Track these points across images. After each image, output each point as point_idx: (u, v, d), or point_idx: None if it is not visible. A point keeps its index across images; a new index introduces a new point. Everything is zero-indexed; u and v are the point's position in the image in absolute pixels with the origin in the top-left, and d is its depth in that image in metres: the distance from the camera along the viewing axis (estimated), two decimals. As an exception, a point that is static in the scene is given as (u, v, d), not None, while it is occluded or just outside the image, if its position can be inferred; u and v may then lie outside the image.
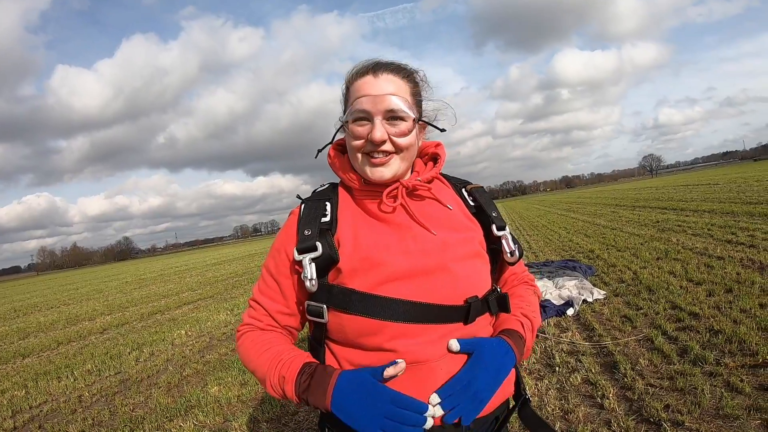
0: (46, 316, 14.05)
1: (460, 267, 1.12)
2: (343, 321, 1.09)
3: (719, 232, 9.35)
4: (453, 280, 1.10)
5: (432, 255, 1.10)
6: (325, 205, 1.18)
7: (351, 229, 1.14)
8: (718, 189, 21.45)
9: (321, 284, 1.09)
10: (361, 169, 1.15)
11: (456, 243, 1.14)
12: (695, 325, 4.50)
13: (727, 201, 14.79)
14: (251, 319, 1.22)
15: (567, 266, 8.06)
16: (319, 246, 1.09)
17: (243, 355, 1.19)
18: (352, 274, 1.08)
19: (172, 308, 11.88)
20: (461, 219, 1.22)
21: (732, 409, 2.94)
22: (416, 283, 1.08)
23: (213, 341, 7.36)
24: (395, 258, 1.09)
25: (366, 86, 1.11)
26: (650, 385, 3.50)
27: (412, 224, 1.15)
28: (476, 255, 1.18)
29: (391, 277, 1.07)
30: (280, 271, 1.18)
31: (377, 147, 1.10)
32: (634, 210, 18.73)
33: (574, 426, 3.14)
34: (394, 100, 1.08)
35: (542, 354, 4.55)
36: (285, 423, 3.88)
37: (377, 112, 1.08)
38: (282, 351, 1.12)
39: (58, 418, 4.82)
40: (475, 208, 1.27)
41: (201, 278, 20.09)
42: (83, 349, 8.27)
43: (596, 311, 5.65)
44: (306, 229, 1.12)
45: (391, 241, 1.12)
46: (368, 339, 1.07)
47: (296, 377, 1.05)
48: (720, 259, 6.97)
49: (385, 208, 1.16)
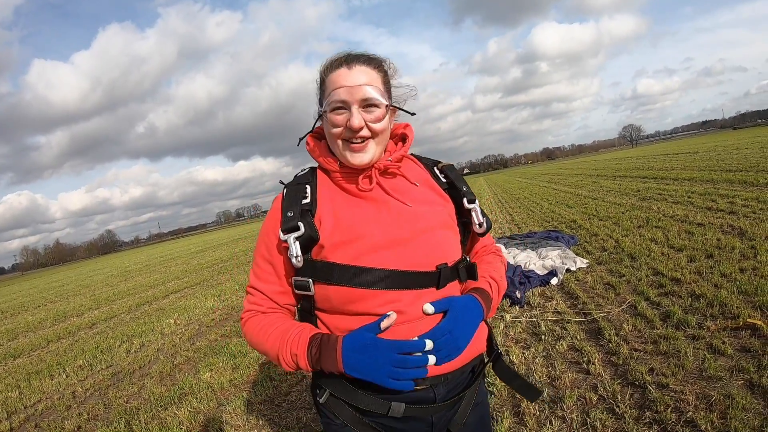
0: (34, 315, 13.89)
1: (431, 236, 1.23)
2: (329, 292, 1.20)
3: (699, 199, 9.50)
4: (425, 249, 1.21)
5: (406, 226, 1.22)
6: (305, 188, 1.28)
7: (330, 208, 1.25)
8: (698, 157, 21.72)
9: (306, 260, 1.20)
10: (342, 155, 1.24)
11: (428, 215, 1.26)
12: (677, 290, 4.60)
13: (707, 169, 15.00)
14: (252, 305, 1.31)
15: (550, 237, 8.18)
16: (301, 226, 1.19)
17: (251, 341, 1.28)
18: (334, 248, 1.18)
19: (159, 298, 11.84)
20: (431, 194, 1.33)
21: (715, 371, 3.03)
22: (392, 252, 1.19)
23: (202, 328, 7.36)
24: (373, 230, 1.20)
25: (341, 78, 1.20)
26: (635, 349, 3.59)
27: (388, 199, 1.26)
28: (447, 226, 1.29)
29: (369, 249, 1.18)
30: (271, 253, 1.28)
31: (356, 133, 1.19)
32: (615, 180, 18.93)
33: (562, 392, 3.21)
34: (369, 90, 1.18)
35: (528, 323, 4.63)
36: (278, 404, 3.93)
37: (354, 101, 1.18)
38: (287, 329, 1.22)
39: (54, 416, 4.82)
40: (447, 185, 1.38)
41: (186, 266, 20.05)
42: (73, 345, 8.22)
43: (580, 280, 5.75)
44: (289, 211, 1.23)
45: (369, 215, 1.23)
46: (352, 305, 1.18)
47: (306, 351, 1.16)
48: (700, 226, 7.10)
49: (362, 188, 1.26)
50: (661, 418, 2.69)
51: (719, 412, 2.64)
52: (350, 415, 1.23)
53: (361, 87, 1.17)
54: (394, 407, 1.19)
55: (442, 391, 1.23)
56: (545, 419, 2.95)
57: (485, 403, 1.42)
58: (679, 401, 2.82)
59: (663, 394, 2.92)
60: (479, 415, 1.38)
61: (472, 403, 1.34)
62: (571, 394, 3.14)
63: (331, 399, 1.23)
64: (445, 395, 1.24)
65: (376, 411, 1.20)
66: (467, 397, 1.32)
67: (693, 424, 2.59)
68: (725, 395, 2.76)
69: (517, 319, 4.80)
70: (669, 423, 2.64)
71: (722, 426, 2.52)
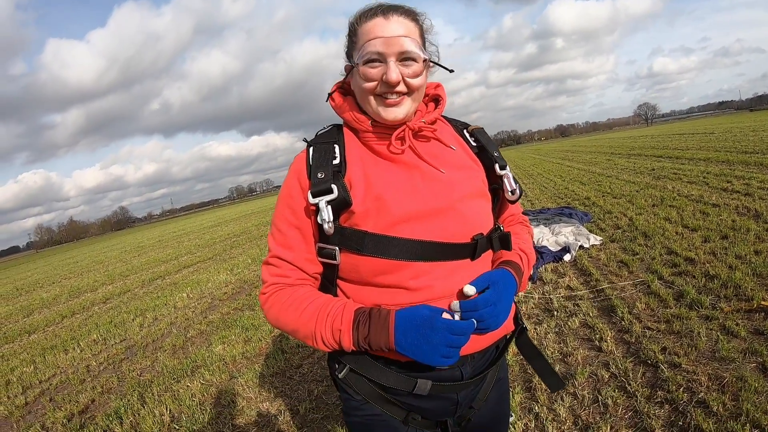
0: (49, 292, 14.10)
1: (467, 206, 1.16)
2: (357, 262, 1.12)
3: (715, 180, 9.35)
4: (461, 220, 1.14)
5: (441, 195, 1.14)
6: (333, 148, 1.18)
7: (361, 171, 1.15)
8: (714, 138, 21.29)
9: (335, 227, 1.11)
10: (375, 111, 1.14)
11: (462, 181, 1.18)
12: (691, 270, 4.54)
13: (723, 150, 14.71)
14: (276, 277, 1.19)
15: (563, 213, 8.10)
16: (335, 188, 1.09)
17: (277, 317, 1.17)
18: (365, 215, 1.10)
19: (172, 273, 11.96)
20: (465, 159, 1.25)
21: (728, 352, 3.00)
22: (427, 223, 1.11)
23: (215, 302, 7.44)
24: (406, 198, 1.12)
25: (377, 28, 1.10)
26: (647, 328, 3.57)
27: (420, 163, 1.17)
28: (481, 194, 1.22)
29: (402, 219, 1.10)
30: (298, 216, 1.17)
31: (392, 88, 1.10)
32: (629, 158, 18.68)
33: (573, 368, 3.21)
34: (407, 42, 1.09)
35: (540, 299, 4.61)
36: (290, 376, 3.97)
37: (390, 54, 1.08)
38: (324, 303, 1.12)
39: (68, 390, 4.90)
40: (477, 149, 1.29)
41: (199, 241, 20.19)
42: (88, 320, 8.36)
43: (593, 257, 5.71)
44: (319, 172, 1.12)
45: (401, 181, 1.14)
46: (382, 278, 1.12)
47: (352, 327, 1.07)
48: (715, 207, 6.99)
49: (393, 150, 1.17)
50: (673, 398, 2.68)
51: (731, 393, 2.61)
52: (371, 392, 1.18)
53: (399, 38, 1.08)
54: (420, 384, 1.13)
55: (468, 369, 1.19)
56: (556, 395, 2.94)
57: (506, 379, 1.38)
58: (691, 381, 2.79)
59: (675, 373, 2.90)
60: (500, 391, 1.35)
61: (495, 379, 1.31)
62: (583, 371, 3.13)
63: (351, 374, 1.17)
64: (472, 373, 1.20)
65: (400, 388, 1.15)
66: (490, 374, 1.28)
67: (705, 405, 2.57)
68: (738, 377, 2.72)
69: (530, 294, 4.78)
70: (681, 403, 2.62)
71: (734, 408, 2.49)
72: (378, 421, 1.21)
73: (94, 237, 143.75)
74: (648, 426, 2.50)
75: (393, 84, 1.09)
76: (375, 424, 1.21)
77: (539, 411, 2.82)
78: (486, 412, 1.31)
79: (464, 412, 1.27)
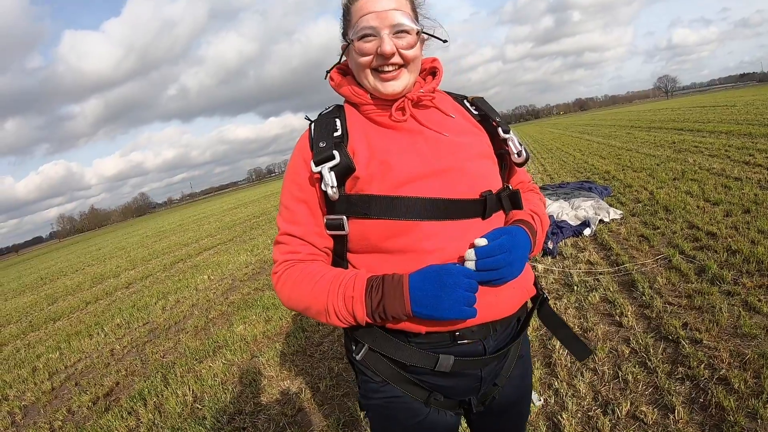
0: (72, 280, 14.43)
1: (473, 165, 1.16)
2: (366, 227, 1.11)
3: (737, 153, 9.13)
4: (468, 177, 1.13)
5: (445, 156, 1.14)
6: (335, 121, 1.19)
7: (364, 139, 1.16)
8: (736, 111, 20.75)
9: (339, 194, 1.10)
10: (372, 86, 1.16)
11: (466, 144, 1.18)
12: (713, 244, 4.46)
13: (745, 123, 14.33)
14: (286, 254, 1.19)
15: (583, 187, 7.99)
16: (336, 154, 1.09)
17: (290, 294, 1.15)
18: (370, 179, 1.10)
19: (193, 255, 12.14)
20: (466, 125, 1.25)
21: (750, 328, 2.94)
22: (433, 182, 1.10)
23: (236, 282, 7.53)
24: (410, 160, 1.12)
25: (369, 4, 1.11)
26: (668, 303, 3.53)
27: (423, 129, 1.18)
28: (486, 155, 1.21)
29: (408, 179, 1.09)
30: (303, 190, 1.17)
31: (387, 60, 1.11)
32: (649, 131, 18.35)
33: (594, 343, 3.19)
34: (399, 15, 1.10)
35: (561, 274, 4.58)
36: (311, 354, 4.01)
37: (384, 27, 1.10)
38: (337, 276, 1.10)
39: (93, 374, 5.01)
40: (479, 117, 1.30)
41: (219, 224, 20.42)
42: (111, 305, 8.53)
43: (613, 231, 5.65)
44: (320, 142, 1.14)
45: (404, 145, 1.15)
46: (392, 241, 1.10)
47: (365, 294, 1.05)
48: (737, 180, 6.83)
49: (395, 119, 1.18)
50: (694, 374, 2.65)
51: (753, 370, 2.57)
52: (391, 372, 1.16)
53: (390, 12, 1.10)
54: (443, 360, 1.11)
55: (491, 343, 1.16)
56: (576, 371, 2.94)
57: (528, 357, 1.35)
58: (712, 358, 2.76)
59: (696, 349, 2.86)
60: (523, 369, 1.32)
61: (517, 354, 1.29)
62: (603, 347, 3.11)
63: (370, 354, 1.15)
64: (495, 348, 1.17)
65: (422, 365, 1.12)
66: (513, 349, 1.25)
67: (726, 382, 2.54)
68: (760, 354, 2.67)
69: (549, 269, 4.75)
70: (702, 379, 2.59)
71: (755, 385, 2.46)
72: (399, 403, 1.18)
73: (116, 224, 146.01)
74: (668, 402, 2.48)
75: (388, 55, 1.10)
76: (396, 406, 1.19)
77: (559, 387, 2.81)
78: (510, 389, 1.28)
79: (488, 390, 1.24)
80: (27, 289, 15.83)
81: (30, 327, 8.46)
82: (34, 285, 16.43)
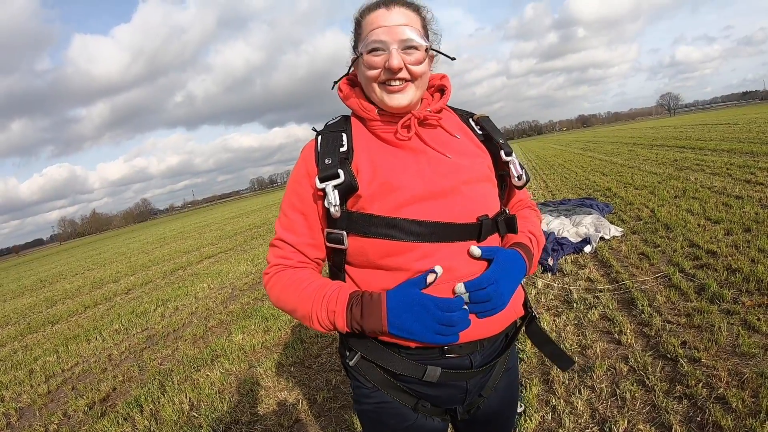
0: (72, 283, 14.41)
1: (472, 189, 1.19)
2: (365, 245, 1.15)
3: (738, 171, 9.14)
4: (466, 201, 1.17)
5: (446, 178, 1.16)
6: (341, 136, 1.21)
7: (368, 157, 1.19)
8: (738, 129, 20.80)
9: (341, 211, 1.14)
10: (379, 99, 1.18)
11: (468, 167, 1.21)
12: (713, 263, 4.46)
13: (747, 141, 14.36)
14: (279, 258, 1.25)
15: (584, 204, 8.03)
16: (341, 173, 1.12)
17: (277, 295, 1.22)
18: (371, 199, 1.13)
19: (193, 263, 12.13)
20: (470, 146, 1.28)
21: (749, 347, 2.94)
22: (432, 204, 1.13)
23: (235, 292, 7.53)
24: (412, 181, 1.14)
25: (379, 18, 1.14)
26: (667, 321, 3.52)
27: (426, 149, 1.20)
28: (486, 179, 1.24)
29: (408, 201, 1.12)
30: (304, 202, 1.21)
31: (394, 75, 1.13)
32: (651, 149, 18.38)
33: (592, 361, 3.18)
34: (408, 31, 1.13)
35: (560, 291, 4.58)
36: (308, 365, 4.00)
37: (393, 42, 1.12)
38: (322, 286, 1.16)
39: (90, 378, 5.01)
40: (483, 137, 1.32)
41: (220, 232, 20.42)
42: (110, 310, 8.52)
43: (614, 248, 5.65)
44: (326, 158, 1.16)
45: (407, 165, 1.17)
46: (389, 259, 1.14)
47: (346, 309, 1.10)
48: (739, 199, 6.84)
49: (400, 137, 1.20)
50: (692, 393, 2.64)
51: (751, 390, 2.57)
52: (382, 379, 1.21)
53: (400, 27, 1.12)
54: (430, 371, 1.15)
55: (478, 358, 1.20)
56: (574, 388, 2.93)
57: (515, 369, 1.39)
58: (710, 377, 2.75)
59: (695, 368, 2.86)
60: (509, 380, 1.35)
61: (504, 368, 1.32)
62: (602, 364, 3.11)
63: (362, 362, 1.20)
64: (481, 362, 1.22)
65: (410, 375, 1.17)
66: (500, 363, 1.29)
67: (724, 401, 2.53)
68: (758, 373, 2.67)
69: (549, 286, 4.75)
70: (699, 398, 2.59)
71: (753, 405, 2.45)
72: (388, 408, 1.23)
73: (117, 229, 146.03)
74: (666, 421, 2.48)
75: (395, 70, 1.12)
76: (385, 411, 1.23)
77: (556, 404, 2.81)
78: (495, 400, 1.33)
79: (473, 400, 1.28)
80: (26, 290, 15.85)
81: (28, 329, 8.47)
82: (34, 287, 16.45)
